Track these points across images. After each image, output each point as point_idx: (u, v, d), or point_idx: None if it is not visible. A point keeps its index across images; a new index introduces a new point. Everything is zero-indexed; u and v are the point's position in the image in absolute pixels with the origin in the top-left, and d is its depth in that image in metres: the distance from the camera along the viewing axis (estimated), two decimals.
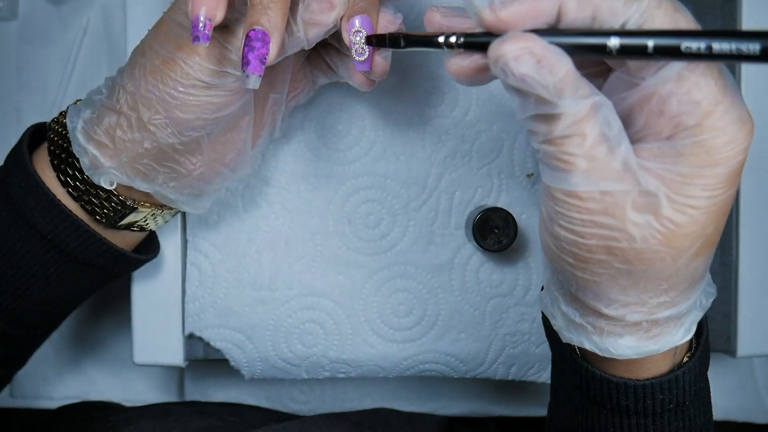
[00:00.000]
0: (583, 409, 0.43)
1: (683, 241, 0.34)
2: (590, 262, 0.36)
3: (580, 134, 0.33)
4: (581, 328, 0.39)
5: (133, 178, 0.45)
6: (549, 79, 0.32)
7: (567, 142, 0.33)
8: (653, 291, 0.36)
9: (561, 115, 0.33)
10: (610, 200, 0.34)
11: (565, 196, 0.35)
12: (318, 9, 0.40)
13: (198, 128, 0.43)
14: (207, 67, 0.40)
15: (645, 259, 0.35)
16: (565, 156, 0.34)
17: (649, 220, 0.34)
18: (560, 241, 0.36)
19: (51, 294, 0.48)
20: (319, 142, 0.55)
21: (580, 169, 0.33)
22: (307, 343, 0.56)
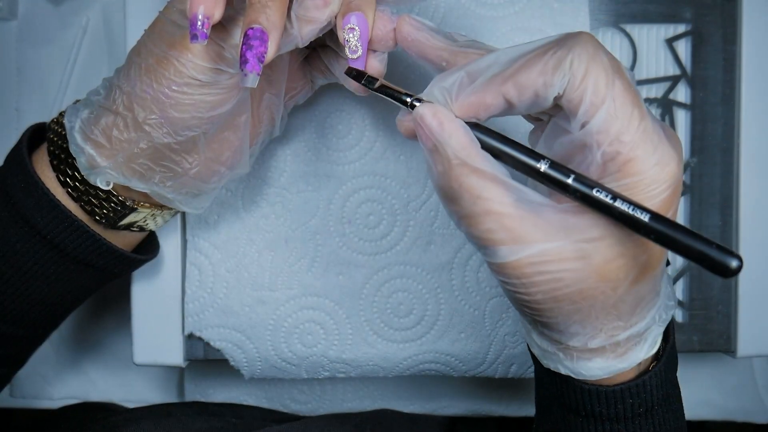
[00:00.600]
0: (561, 418, 0.45)
1: (618, 273, 0.37)
2: (542, 310, 0.38)
3: (488, 209, 0.36)
4: (554, 356, 0.42)
5: (130, 177, 0.45)
6: (450, 140, 0.37)
7: (479, 221, 0.36)
8: (605, 319, 0.38)
9: (466, 188, 0.36)
10: (540, 258, 0.36)
11: (500, 268, 0.37)
12: (312, 5, 0.40)
13: (193, 127, 0.43)
14: (200, 64, 0.40)
15: (588, 297, 0.37)
16: (482, 234, 0.37)
17: (581, 264, 0.36)
18: (512, 299, 0.39)
19: (51, 294, 0.48)
20: (320, 142, 0.55)
21: (503, 243, 0.36)
22: (307, 343, 0.56)
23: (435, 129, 0.37)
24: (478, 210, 0.36)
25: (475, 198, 0.36)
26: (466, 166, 0.36)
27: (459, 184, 0.36)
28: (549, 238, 0.36)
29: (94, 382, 0.69)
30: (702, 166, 0.58)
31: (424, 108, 0.38)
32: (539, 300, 0.38)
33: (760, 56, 0.56)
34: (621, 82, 0.35)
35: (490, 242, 0.37)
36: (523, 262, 0.36)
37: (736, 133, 0.57)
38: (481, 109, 0.38)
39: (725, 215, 0.58)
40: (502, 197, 0.36)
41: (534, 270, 0.36)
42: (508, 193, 0.36)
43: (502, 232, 0.36)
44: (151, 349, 0.56)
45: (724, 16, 0.57)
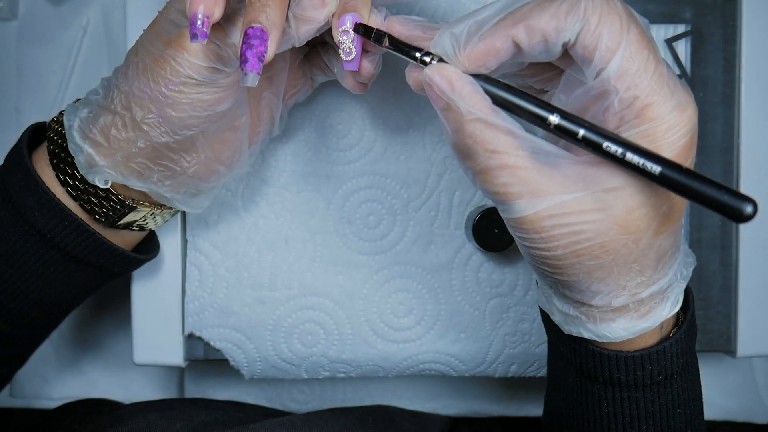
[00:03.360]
0: (577, 387, 0.45)
1: (639, 224, 0.36)
2: (564, 267, 0.38)
3: (504, 162, 0.36)
4: (577, 320, 0.41)
5: (128, 176, 0.45)
6: (460, 98, 0.36)
7: (495, 174, 0.36)
8: (628, 274, 0.38)
9: (480, 142, 0.36)
10: (559, 211, 0.36)
11: (518, 223, 0.37)
12: (310, 5, 0.40)
13: (191, 126, 0.43)
14: (197, 63, 0.40)
15: (610, 250, 0.37)
16: (498, 188, 0.36)
17: (601, 215, 0.36)
18: (531, 256, 0.39)
19: (50, 293, 0.48)
20: (320, 142, 0.55)
21: (519, 197, 0.36)
22: (307, 343, 0.56)
23: (445, 88, 0.37)
24: (493, 164, 0.36)
25: (490, 152, 0.36)
26: (478, 121, 0.36)
27: (473, 139, 0.36)
28: (567, 189, 0.36)
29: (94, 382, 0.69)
30: (702, 166, 0.58)
31: (431, 70, 0.38)
32: (559, 255, 0.37)
33: (760, 56, 0.56)
34: (636, 27, 0.35)
35: (506, 196, 0.36)
36: (541, 214, 0.36)
37: (736, 133, 0.57)
38: (490, 55, 0.37)
39: None
40: (516, 150, 0.36)
41: (553, 223, 0.36)
42: (522, 145, 0.36)
43: (518, 185, 0.36)
44: (151, 349, 0.56)
45: (724, 16, 0.57)
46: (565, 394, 0.46)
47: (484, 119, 0.36)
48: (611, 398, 0.43)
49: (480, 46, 0.37)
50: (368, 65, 0.43)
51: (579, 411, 0.45)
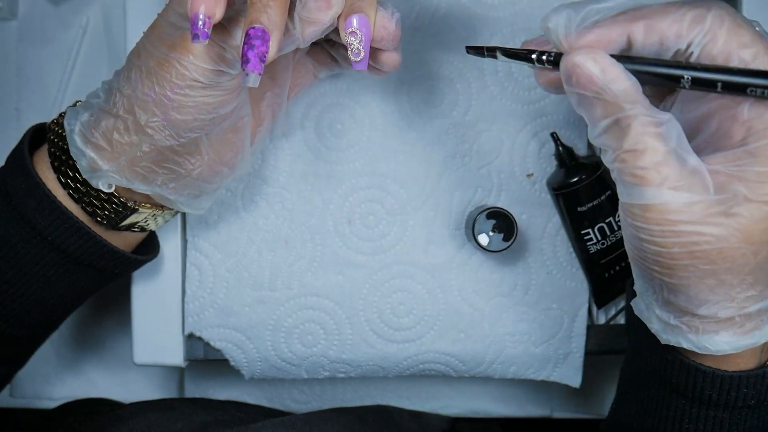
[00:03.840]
0: (659, 400, 0.44)
1: (762, 235, 0.37)
2: (676, 268, 0.38)
3: (649, 148, 0.36)
4: (677, 329, 0.41)
5: (132, 180, 0.45)
6: (613, 85, 0.36)
7: (637, 157, 0.36)
8: (740, 286, 0.38)
9: (629, 127, 0.36)
10: (687, 208, 0.36)
11: (642, 210, 0.37)
12: (315, 7, 0.39)
13: (196, 129, 0.43)
14: (202, 66, 0.40)
15: (727, 258, 0.37)
16: (637, 171, 0.37)
17: (727, 221, 0.36)
18: (644, 252, 0.39)
19: (51, 295, 0.48)
20: (319, 141, 0.55)
21: (653, 183, 0.36)
22: (307, 343, 0.56)
23: (597, 75, 0.36)
24: (640, 147, 0.36)
25: (639, 135, 0.36)
26: (633, 109, 0.36)
27: (627, 124, 0.36)
28: (700, 190, 0.36)
29: (94, 382, 0.69)
30: None
31: (581, 56, 0.37)
32: (675, 254, 0.37)
33: None
34: (763, 41, 0.35)
35: (643, 180, 0.36)
36: (669, 207, 0.36)
37: None
38: (602, 44, 0.37)
39: None
40: (665, 140, 0.36)
41: (678, 218, 0.36)
42: (671, 138, 0.36)
43: (656, 172, 0.36)
44: (151, 349, 0.56)
45: None
46: (642, 405, 0.46)
47: (639, 108, 0.36)
48: (695, 415, 0.43)
49: (594, 33, 0.37)
50: (396, 56, 0.44)
51: (655, 424, 0.45)
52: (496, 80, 0.55)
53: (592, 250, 0.55)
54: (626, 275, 0.56)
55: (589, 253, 0.55)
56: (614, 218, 0.55)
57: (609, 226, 0.55)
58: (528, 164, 0.56)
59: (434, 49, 0.55)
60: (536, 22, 0.55)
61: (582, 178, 0.53)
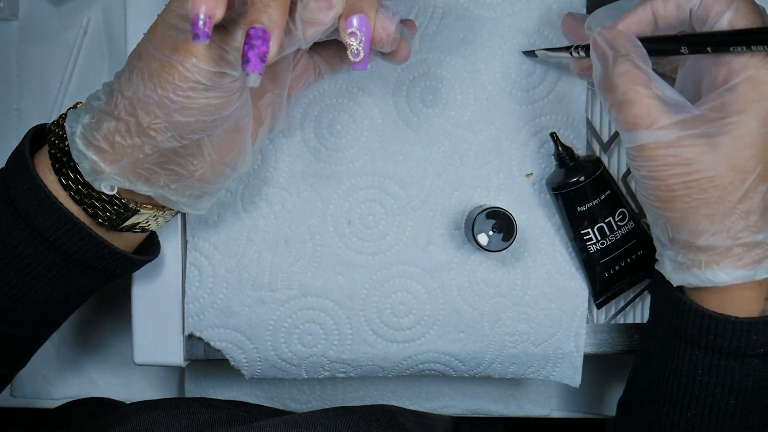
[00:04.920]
0: (674, 353, 0.48)
1: (745, 163, 0.42)
2: (674, 200, 0.44)
3: (637, 97, 0.43)
4: (684, 267, 0.46)
5: (135, 182, 0.45)
6: (615, 42, 0.45)
7: (630, 106, 0.43)
8: (733, 216, 0.43)
9: (620, 79, 0.43)
10: (676, 142, 0.42)
11: (638, 151, 0.44)
12: (317, 8, 0.39)
13: (198, 131, 0.43)
14: (204, 68, 0.40)
15: (717, 185, 0.43)
16: (629, 118, 0.44)
17: (711, 149, 0.42)
18: (647, 189, 0.45)
19: (52, 295, 0.49)
20: (319, 142, 0.55)
21: (643, 126, 0.43)
22: (307, 343, 0.57)
23: (608, 37, 0.45)
24: (630, 97, 0.43)
25: (630, 86, 0.43)
26: (628, 61, 0.44)
27: (620, 74, 0.44)
28: (684, 126, 0.42)
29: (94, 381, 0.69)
30: None
31: (602, 30, 0.46)
32: (671, 186, 0.43)
33: None
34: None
35: (635, 126, 0.43)
36: (659, 142, 0.43)
37: None
38: (634, 24, 0.46)
39: None
40: (651, 89, 0.43)
41: (668, 152, 0.43)
42: (656, 87, 0.43)
43: (646, 117, 0.43)
44: (152, 348, 0.56)
45: None
46: (658, 365, 0.50)
47: (632, 60, 0.44)
48: (708, 365, 0.46)
49: (625, 18, 0.46)
50: (406, 49, 0.46)
51: (671, 380, 0.49)
52: (495, 80, 0.55)
53: (592, 250, 0.55)
54: (626, 275, 0.56)
55: (589, 252, 0.55)
56: (614, 218, 0.55)
57: (608, 226, 0.55)
58: (527, 164, 0.56)
59: (433, 50, 0.55)
60: (534, 22, 0.55)
61: (581, 178, 0.53)
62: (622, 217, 0.55)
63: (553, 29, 0.55)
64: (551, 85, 0.56)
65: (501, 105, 0.55)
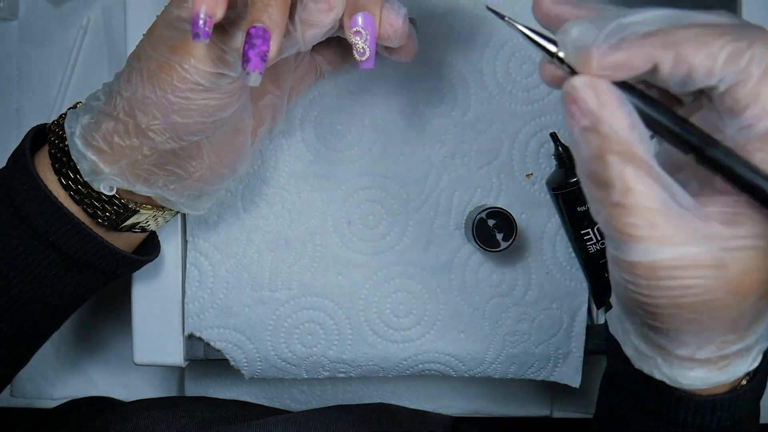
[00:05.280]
0: (635, 421, 0.44)
1: (749, 286, 0.35)
2: (659, 315, 0.36)
3: (639, 202, 0.33)
4: (652, 360, 0.40)
5: (134, 182, 0.45)
6: (608, 119, 0.33)
7: (625, 213, 0.33)
8: (721, 331, 0.37)
9: (618, 175, 0.33)
10: (677, 264, 0.34)
11: (628, 266, 0.35)
12: (316, 9, 0.39)
13: (197, 132, 0.43)
14: (203, 69, 0.40)
15: (713, 308, 0.35)
16: (623, 227, 0.34)
17: (716, 274, 0.34)
18: (627, 297, 0.37)
19: (52, 296, 0.48)
20: (319, 142, 0.55)
21: (641, 240, 0.33)
22: (307, 343, 0.56)
23: (593, 106, 0.33)
24: (626, 202, 0.33)
25: (627, 188, 0.33)
26: (626, 153, 0.33)
27: (614, 171, 0.33)
28: (689, 243, 0.33)
29: (94, 381, 0.69)
30: None
31: (581, 82, 0.33)
32: (660, 305, 0.35)
33: None
34: None
35: (630, 238, 0.33)
36: (657, 264, 0.34)
37: None
38: (625, 68, 0.33)
39: None
40: (654, 193, 0.33)
41: (666, 274, 0.34)
42: (660, 189, 0.33)
43: (644, 230, 0.33)
44: (152, 349, 0.56)
45: None
46: (620, 423, 0.45)
47: (632, 151, 0.33)
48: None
49: (617, 56, 0.33)
50: (413, 46, 0.44)
51: None
52: (495, 80, 0.55)
53: (592, 250, 0.55)
54: None
55: (589, 252, 0.55)
56: None
57: None
58: (527, 164, 0.56)
59: (434, 50, 0.55)
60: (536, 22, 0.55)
61: None
62: None
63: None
64: None
65: (501, 105, 0.55)
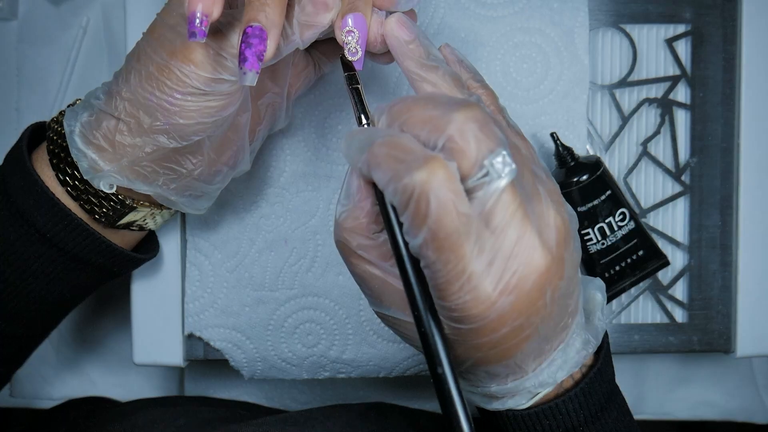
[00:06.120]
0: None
1: (474, 338, 0.36)
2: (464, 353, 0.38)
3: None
4: (485, 398, 0.42)
5: (134, 180, 0.45)
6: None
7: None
8: (517, 365, 0.38)
9: None
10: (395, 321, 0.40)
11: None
12: (313, 11, 0.39)
13: (199, 132, 0.43)
14: (202, 75, 0.40)
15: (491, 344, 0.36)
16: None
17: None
18: None
19: (50, 293, 0.48)
20: (319, 142, 0.55)
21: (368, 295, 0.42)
22: (307, 343, 0.56)
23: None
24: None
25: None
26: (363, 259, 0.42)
27: None
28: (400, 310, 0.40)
29: (94, 382, 0.69)
30: (702, 166, 0.58)
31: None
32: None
33: (760, 56, 0.56)
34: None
35: None
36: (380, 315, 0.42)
37: (736, 133, 0.57)
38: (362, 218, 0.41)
39: (725, 215, 0.58)
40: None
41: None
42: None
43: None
44: (151, 349, 0.56)
45: (724, 16, 0.57)
46: None
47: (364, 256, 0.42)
48: None
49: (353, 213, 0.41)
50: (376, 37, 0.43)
51: None
52: (495, 81, 0.55)
53: (592, 250, 0.55)
54: (626, 275, 0.56)
55: (589, 253, 0.55)
56: (614, 218, 0.55)
57: (609, 226, 0.55)
58: None
59: None
60: (536, 21, 0.55)
61: (582, 178, 0.53)
62: (623, 217, 0.55)
63: (555, 28, 0.55)
64: (552, 85, 0.56)
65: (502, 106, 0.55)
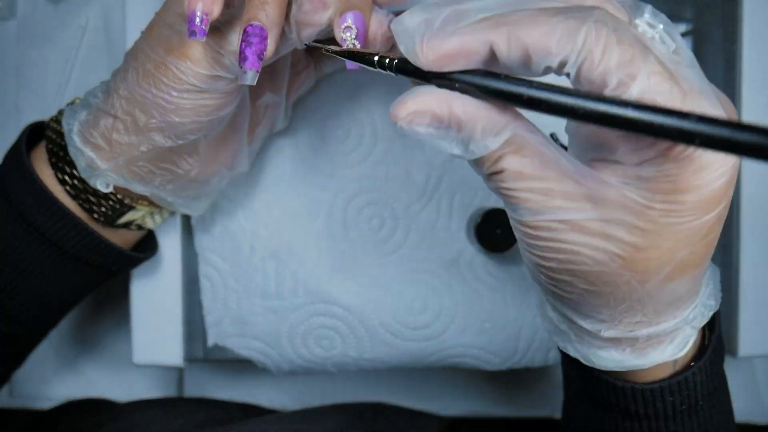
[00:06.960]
0: (593, 416, 0.43)
1: (647, 265, 0.32)
2: (557, 281, 0.35)
3: (507, 171, 0.32)
4: (565, 335, 0.38)
5: (130, 180, 0.45)
6: (452, 134, 0.31)
7: (499, 178, 0.32)
8: (627, 311, 0.35)
9: (480, 158, 0.32)
10: (561, 227, 0.32)
11: (518, 224, 0.34)
12: (312, 9, 0.39)
13: (194, 131, 0.43)
14: (199, 72, 0.40)
15: (608, 282, 0.33)
16: (504, 191, 0.32)
17: (605, 244, 0.32)
18: (528, 260, 0.35)
19: (49, 292, 0.48)
20: (319, 146, 0.55)
21: (522, 202, 0.32)
22: (325, 347, 0.56)
23: (426, 133, 0.32)
24: (496, 169, 0.32)
25: (493, 162, 0.32)
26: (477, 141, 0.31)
27: (473, 157, 0.32)
28: (575, 206, 0.32)
29: (93, 382, 0.69)
30: None
31: (396, 110, 0.32)
32: (554, 269, 0.34)
33: (760, 56, 0.56)
34: (653, 58, 0.29)
35: (510, 199, 0.32)
36: (541, 225, 0.32)
37: None
38: (461, 55, 0.31)
39: None
40: (521, 158, 0.31)
41: (551, 236, 0.32)
42: (529, 152, 0.32)
43: (527, 192, 0.32)
44: (151, 349, 0.56)
45: (725, 16, 0.57)
46: (581, 419, 0.44)
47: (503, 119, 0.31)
48: (630, 428, 0.40)
49: (452, 42, 0.30)
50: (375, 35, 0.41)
51: None
52: None
53: None
54: None
55: None
56: None
57: None
58: None
59: None
60: None
61: None
62: None
63: None
64: None
65: None
